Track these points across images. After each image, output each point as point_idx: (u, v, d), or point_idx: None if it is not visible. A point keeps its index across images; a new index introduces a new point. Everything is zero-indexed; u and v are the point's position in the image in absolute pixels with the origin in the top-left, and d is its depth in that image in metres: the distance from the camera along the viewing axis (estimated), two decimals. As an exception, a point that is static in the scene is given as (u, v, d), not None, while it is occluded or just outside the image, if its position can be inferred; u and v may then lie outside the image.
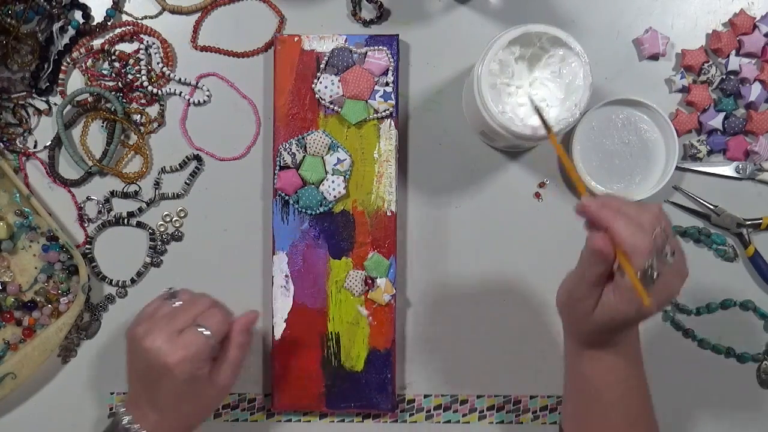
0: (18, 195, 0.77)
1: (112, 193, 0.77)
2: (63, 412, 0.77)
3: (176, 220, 0.78)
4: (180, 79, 0.77)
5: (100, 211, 0.78)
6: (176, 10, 0.78)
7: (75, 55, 0.77)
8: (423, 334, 0.78)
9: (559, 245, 0.75)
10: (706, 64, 0.77)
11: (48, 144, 0.77)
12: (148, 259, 0.78)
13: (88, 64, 0.77)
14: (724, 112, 0.77)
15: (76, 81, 0.78)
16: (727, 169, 0.77)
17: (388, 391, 0.75)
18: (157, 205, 0.78)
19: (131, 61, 0.77)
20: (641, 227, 0.52)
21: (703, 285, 0.78)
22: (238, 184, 0.78)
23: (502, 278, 0.78)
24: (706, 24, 0.78)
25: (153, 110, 0.78)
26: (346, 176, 0.74)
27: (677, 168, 0.76)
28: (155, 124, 0.78)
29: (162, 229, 0.78)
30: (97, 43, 0.77)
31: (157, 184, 0.78)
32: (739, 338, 0.78)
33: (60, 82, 0.77)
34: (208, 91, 0.78)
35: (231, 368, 0.65)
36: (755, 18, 0.77)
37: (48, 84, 0.77)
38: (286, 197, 0.74)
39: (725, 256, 0.78)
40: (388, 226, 0.75)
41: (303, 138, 0.74)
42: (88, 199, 0.77)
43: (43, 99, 0.77)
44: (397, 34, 0.75)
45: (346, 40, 0.74)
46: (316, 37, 0.74)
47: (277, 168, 0.74)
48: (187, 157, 0.77)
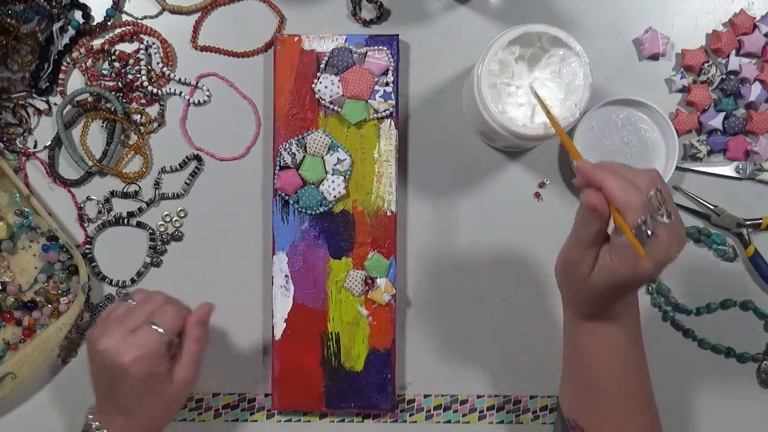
0: (18, 195, 0.77)
1: (112, 193, 0.77)
2: (63, 412, 0.77)
3: (176, 220, 0.78)
4: (180, 79, 0.77)
5: (100, 211, 0.78)
6: (176, 10, 0.78)
7: (75, 55, 0.77)
8: (423, 334, 0.78)
9: (559, 245, 0.74)
10: (706, 64, 0.77)
11: (48, 144, 0.77)
12: (148, 259, 0.78)
13: (88, 64, 0.77)
14: (724, 112, 0.77)
15: (76, 81, 0.78)
16: (727, 169, 0.77)
17: (388, 391, 0.75)
18: (157, 205, 0.78)
19: (131, 61, 0.77)
20: (635, 186, 0.52)
21: (703, 285, 0.78)
22: (238, 184, 0.78)
23: (502, 278, 0.78)
24: (706, 24, 0.78)
25: (153, 110, 0.78)
26: (346, 176, 0.74)
27: (677, 168, 0.76)
28: (155, 124, 0.78)
29: (162, 229, 0.78)
30: (97, 43, 0.77)
31: (157, 184, 0.78)
32: (739, 338, 0.78)
33: (60, 82, 0.77)
34: (208, 91, 0.78)
35: (189, 363, 0.64)
36: (755, 18, 0.77)
37: (48, 84, 0.77)
38: (286, 197, 0.74)
39: (725, 256, 0.78)
40: (388, 226, 0.75)
41: (303, 138, 0.74)
42: (88, 199, 0.77)
43: (43, 99, 0.77)
44: (397, 34, 0.75)
45: (346, 40, 0.74)
46: (316, 37, 0.74)
47: (277, 168, 0.74)
48: (187, 157, 0.78)
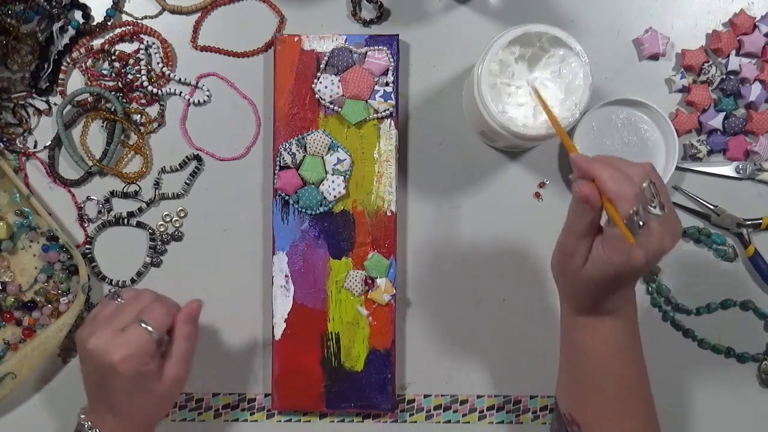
0: (18, 195, 0.76)
1: (112, 193, 0.77)
2: (63, 412, 0.77)
3: (176, 220, 0.78)
4: (180, 79, 0.77)
5: (100, 211, 0.78)
6: (176, 10, 0.78)
7: (75, 55, 0.77)
8: (423, 334, 0.78)
9: (559, 245, 0.75)
10: (706, 64, 0.77)
11: (48, 144, 0.77)
12: (148, 259, 0.78)
13: (88, 64, 0.77)
14: (724, 112, 0.77)
15: (76, 81, 0.78)
16: (727, 169, 0.77)
17: (388, 391, 0.75)
18: (157, 205, 0.78)
19: (131, 61, 0.77)
20: (628, 177, 0.53)
21: (703, 285, 0.78)
22: (238, 184, 0.78)
23: (502, 278, 0.78)
24: (706, 24, 0.78)
25: (153, 110, 0.78)
26: (346, 176, 0.74)
27: (677, 168, 0.76)
28: (155, 124, 0.78)
29: (162, 229, 0.78)
30: (97, 43, 0.77)
31: (157, 184, 0.78)
32: (739, 338, 0.78)
33: (60, 82, 0.77)
34: (208, 91, 0.78)
35: (179, 360, 0.64)
36: (755, 18, 0.77)
37: (48, 84, 0.77)
38: (286, 197, 0.74)
39: (725, 256, 0.78)
40: (388, 226, 0.75)
41: (303, 138, 0.74)
42: (88, 199, 0.77)
43: (43, 99, 0.77)
44: (397, 34, 0.75)
45: (346, 40, 0.74)
46: (316, 37, 0.74)
47: (277, 168, 0.74)
48: (187, 157, 0.77)
